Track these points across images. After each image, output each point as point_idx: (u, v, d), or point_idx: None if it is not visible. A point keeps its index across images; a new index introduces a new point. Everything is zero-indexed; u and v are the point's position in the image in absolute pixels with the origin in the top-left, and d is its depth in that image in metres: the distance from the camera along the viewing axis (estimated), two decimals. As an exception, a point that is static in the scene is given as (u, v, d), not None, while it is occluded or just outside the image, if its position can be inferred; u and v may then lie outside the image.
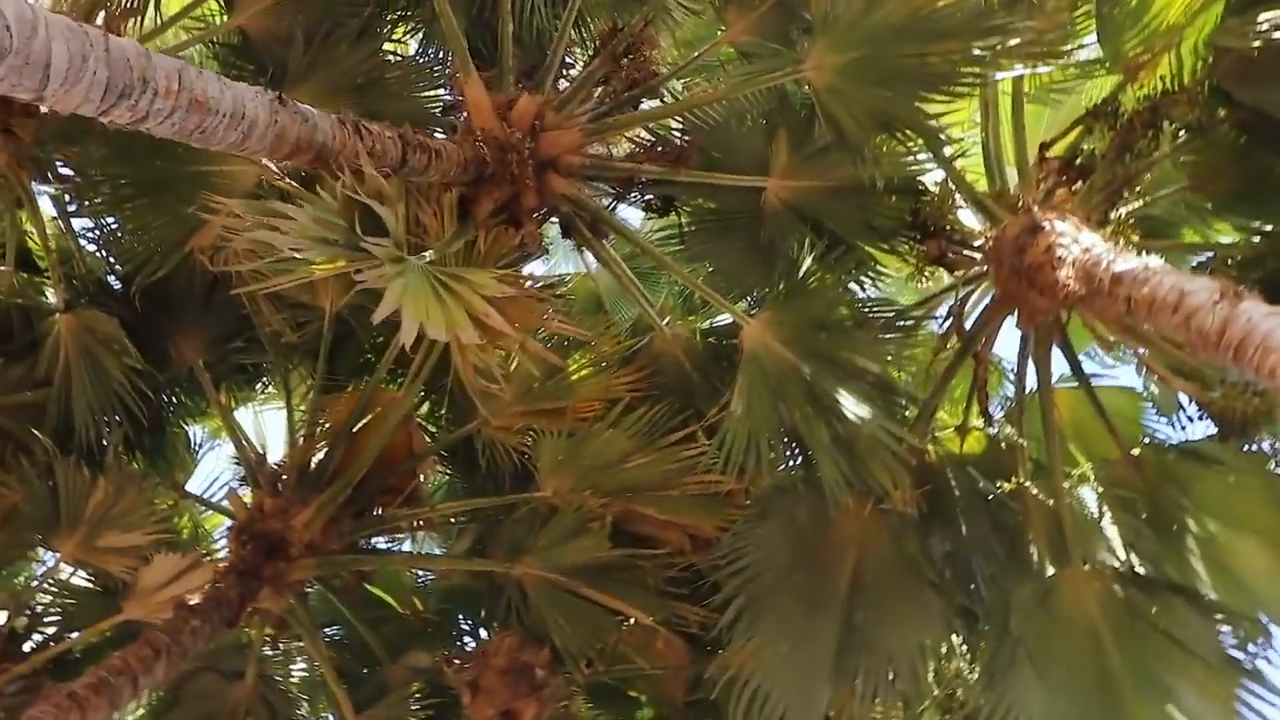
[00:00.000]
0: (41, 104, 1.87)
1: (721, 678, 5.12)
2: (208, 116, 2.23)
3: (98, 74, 1.90)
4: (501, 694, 4.65)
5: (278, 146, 2.60)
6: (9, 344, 5.27)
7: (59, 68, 1.81)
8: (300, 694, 5.55)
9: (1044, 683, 3.74)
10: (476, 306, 3.00)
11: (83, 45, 1.87)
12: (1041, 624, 3.84)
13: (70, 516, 5.03)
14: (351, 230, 2.84)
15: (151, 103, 2.06)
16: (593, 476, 4.79)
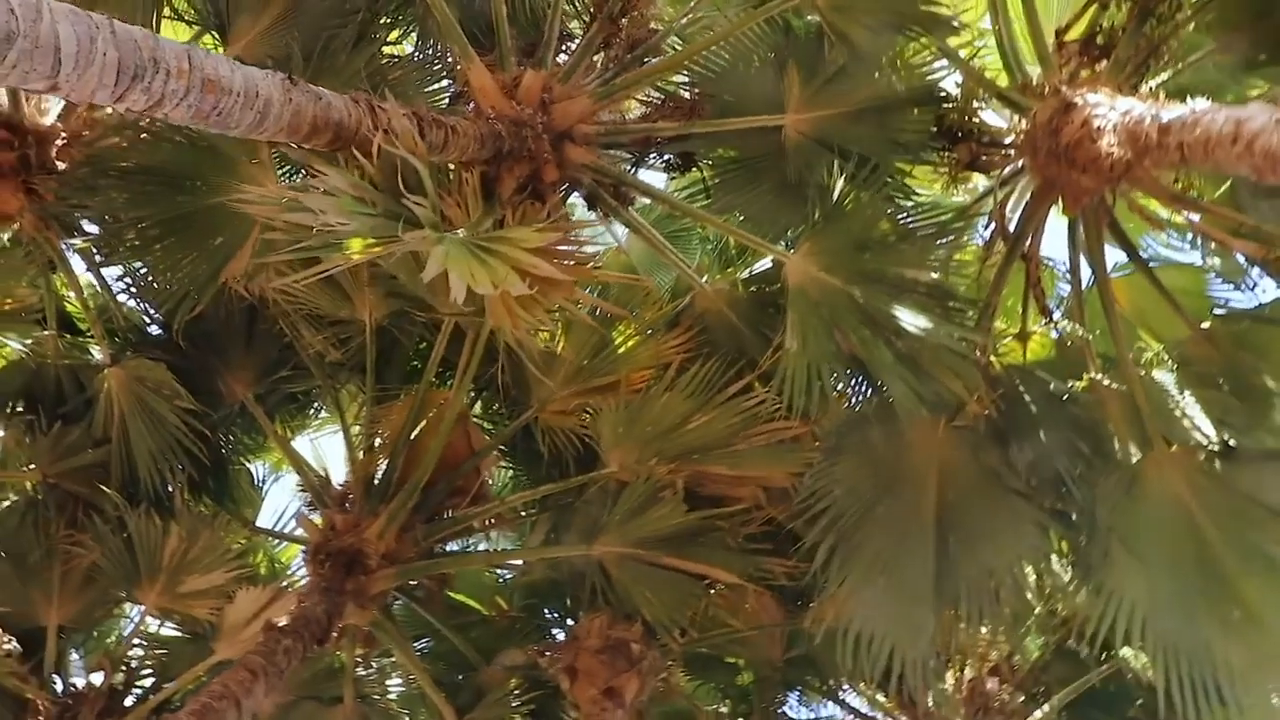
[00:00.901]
0: (56, 92, 1.85)
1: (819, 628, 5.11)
2: (222, 96, 2.20)
3: (108, 55, 1.88)
4: (600, 673, 4.61)
5: (296, 126, 2.57)
6: (63, 407, 5.32)
7: (69, 50, 1.79)
8: (400, 709, 5.54)
9: (1144, 570, 3.62)
10: (521, 259, 2.95)
11: (89, 27, 1.85)
12: (1131, 512, 3.73)
13: (149, 567, 5.06)
14: (389, 194, 2.80)
15: (165, 84, 2.03)
16: (656, 444, 4.75)
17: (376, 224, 2.79)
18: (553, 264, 3.03)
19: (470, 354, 4.80)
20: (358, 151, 2.82)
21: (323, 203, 2.68)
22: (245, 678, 3.74)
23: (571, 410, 5.08)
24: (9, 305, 5.10)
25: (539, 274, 3.00)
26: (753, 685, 5.65)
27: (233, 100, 2.24)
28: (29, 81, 1.77)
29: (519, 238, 3.05)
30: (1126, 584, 3.71)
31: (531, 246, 2.99)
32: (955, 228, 3.87)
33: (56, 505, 5.38)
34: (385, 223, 2.82)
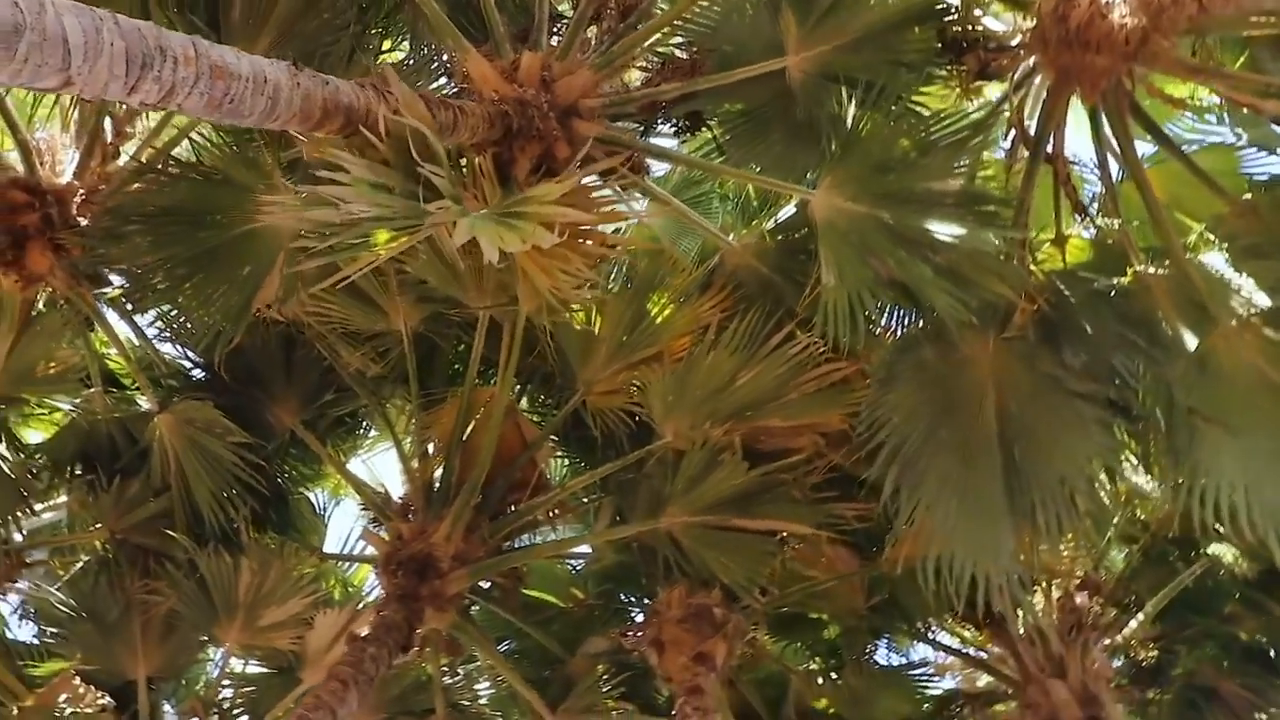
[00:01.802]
0: (70, 87, 1.86)
1: (898, 568, 5.05)
2: (232, 82, 2.21)
3: (115, 45, 1.89)
4: (687, 641, 4.58)
5: (307, 111, 2.57)
6: (119, 462, 5.38)
7: (76, 41, 1.80)
8: (492, 712, 5.53)
9: (1236, 442, 3.55)
10: (546, 212, 2.94)
11: (93, 19, 1.86)
12: (1211, 389, 3.66)
13: (225, 605, 5.11)
14: (405, 174, 2.80)
15: (175, 72, 2.04)
16: (708, 407, 4.71)
17: (397, 206, 2.78)
18: (579, 209, 3.01)
19: (509, 347, 4.79)
20: (369, 132, 2.82)
21: (342, 191, 2.67)
22: (337, 688, 3.75)
23: (618, 388, 5.05)
24: (53, 368, 5.17)
25: (567, 222, 2.98)
26: (840, 638, 5.59)
27: (242, 86, 2.25)
28: (42, 77, 1.78)
29: (541, 194, 3.04)
30: (1221, 461, 3.66)
31: (555, 198, 2.97)
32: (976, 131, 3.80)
33: (128, 559, 5.45)
34: (406, 204, 2.82)
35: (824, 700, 5.54)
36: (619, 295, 4.90)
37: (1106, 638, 5.19)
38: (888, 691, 5.46)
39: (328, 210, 2.76)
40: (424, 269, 4.73)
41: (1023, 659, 5.12)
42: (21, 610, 5.66)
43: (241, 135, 4.95)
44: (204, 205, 4.56)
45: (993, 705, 5.47)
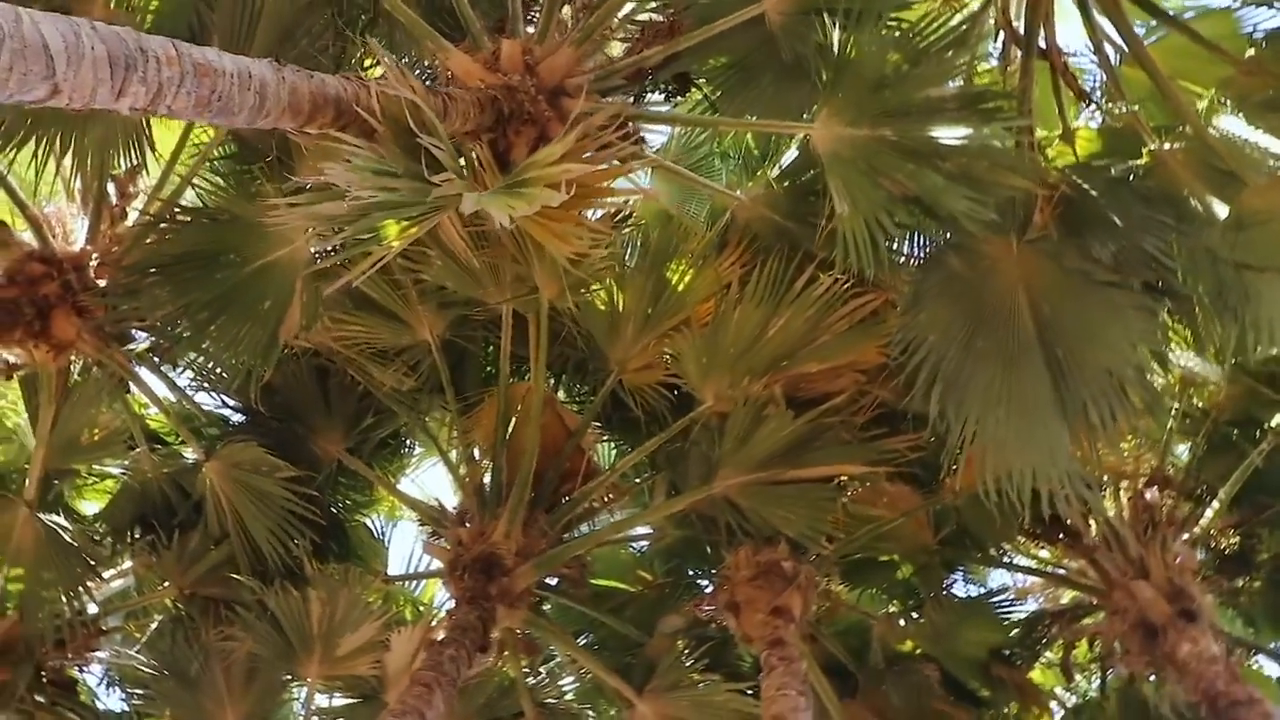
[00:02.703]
0: (57, 95, 1.87)
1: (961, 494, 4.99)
2: (217, 79, 2.22)
3: (96, 49, 1.90)
4: (761, 598, 4.54)
5: (296, 106, 2.58)
6: (176, 517, 5.43)
7: (57, 47, 1.81)
8: (580, 706, 5.51)
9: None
10: (550, 173, 2.93)
11: (71, 25, 1.87)
12: (1253, 243, 3.60)
13: (301, 640, 5.12)
14: (404, 153, 2.80)
15: (159, 72, 2.05)
16: (744, 364, 4.68)
17: (402, 187, 2.78)
18: (582, 164, 3.00)
19: (537, 338, 4.78)
20: (363, 112, 2.81)
21: (347, 179, 2.67)
22: (421, 691, 3.75)
23: (651, 363, 5.02)
24: (97, 435, 5.22)
25: (572, 179, 2.96)
26: (914, 577, 5.52)
27: (228, 83, 2.26)
28: (29, 86, 1.79)
29: (542, 158, 3.03)
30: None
31: (557, 159, 2.96)
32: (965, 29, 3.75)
33: (200, 612, 5.49)
34: (411, 184, 2.82)
35: (908, 642, 5.47)
36: (637, 269, 4.87)
37: (1184, 532, 5.09)
38: (971, 623, 5.38)
39: (334, 204, 2.76)
40: (441, 274, 4.75)
41: (1102, 566, 5.04)
42: (107, 678, 5.71)
43: (242, 173, 5.03)
44: (216, 247, 4.60)
45: (1081, 619, 5.37)
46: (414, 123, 2.80)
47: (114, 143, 4.69)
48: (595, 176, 3.17)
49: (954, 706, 5.30)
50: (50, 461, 5.06)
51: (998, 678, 5.36)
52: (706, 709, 4.80)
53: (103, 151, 4.74)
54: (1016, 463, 4.07)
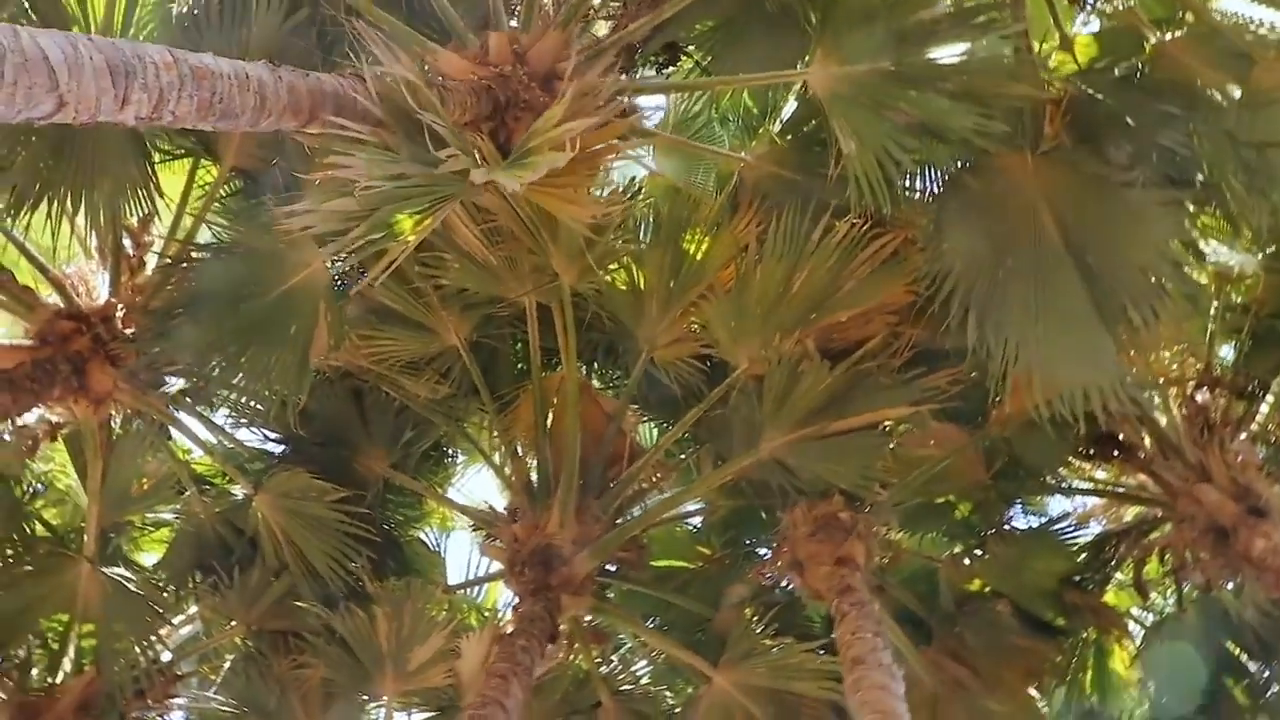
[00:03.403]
0: (64, 109, 1.88)
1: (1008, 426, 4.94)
2: (216, 81, 2.23)
3: (95, 59, 1.92)
4: (823, 552, 4.51)
5: (296, 105, 2.59)
6: (234, 555, 5.46)
7: (57, 59, 1.83)
8: (656, 688, 5.49)
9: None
10: (553, 136, 2.93)
11: (68, 38, 1.89)
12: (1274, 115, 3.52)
13: (373, 660, 5.14)
14: (407, 136, 2.81)
15: (159, 77, 2.06)
16: (772, 322, 4.64)
17: (411, 171, 2.79)
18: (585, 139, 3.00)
19: (564, 326, 4.78)
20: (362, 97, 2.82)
21: (354, 169, 2.68)
22: (498, 683, 3.76)
23: (680, 336, 5.00)
24: (146, 484, 5.28)
25: (575, 134, 2.96)
26: (973, 515, 5.46)
27: (228, 85, 2.27)
28: (36, 100, 1.81)
29: (542, 125, 3.03)
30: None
31: (557, 121, 2.96)
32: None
33: (270, 646, 5.53)
34: (420, 168, 2.82)
35: (976, 581, 5.41)
36: (653, 245, 4.85)
37: (1241, 431, 5.01)
38: (1037, 554, 5.31)
39: (345, 200, 2.77)
40: (459, 276, 4.76)
41: (1162, 477, 4.96)
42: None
43: (251, 206, 5.06)
44: (236, 281, 4.63)
45: (1148, 534, 5.30)
46: (415, 101, 2.80)
47: (123, 193, 4.74)
48: (596, 136, 3.16)
49: (1031, 640, 5.24)
50: (105, 516, 5.12)
51: (1071, 605, 5.29)
52: (783, 672, 4.76)
53: (113, 204, 4.79)
54: (1064, 378, 4.03)
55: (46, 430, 4.99)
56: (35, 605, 5.11)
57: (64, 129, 4.51)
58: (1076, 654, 5.45)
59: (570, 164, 3.03)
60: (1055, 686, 5.39)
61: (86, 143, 4.57)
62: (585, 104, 3.23)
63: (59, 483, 5.71)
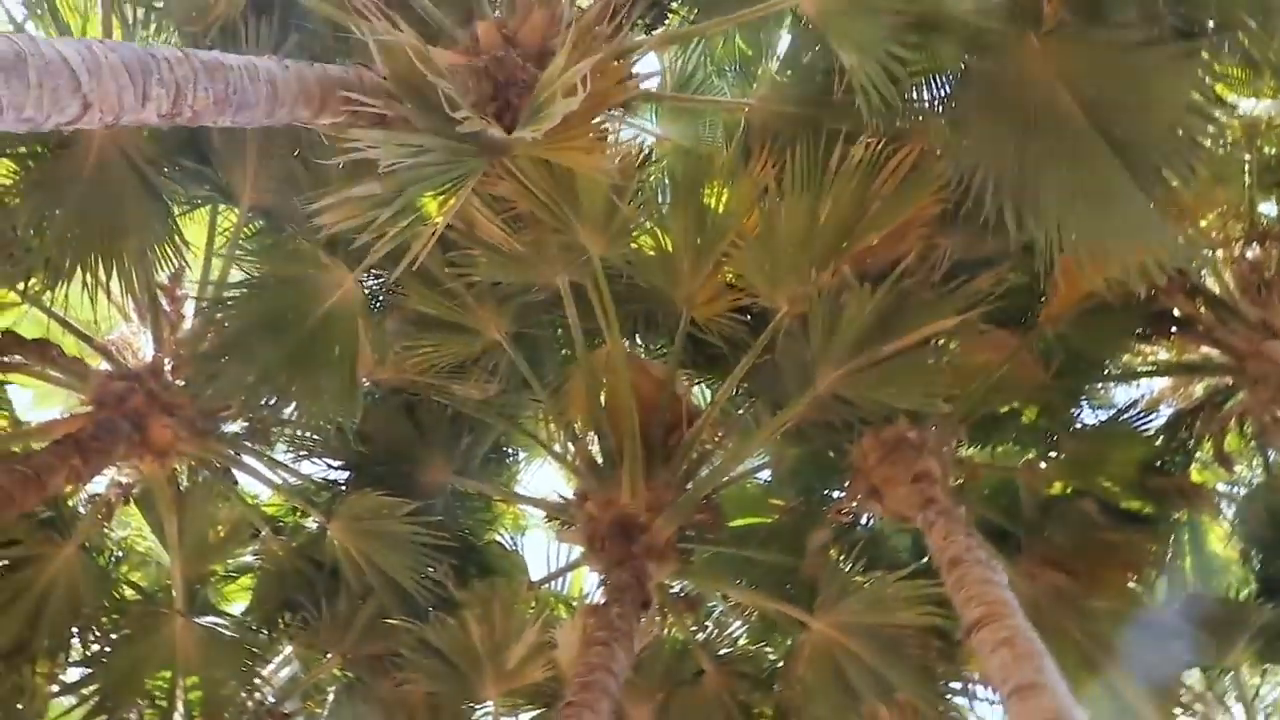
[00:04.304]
0: (89, 111, 1.91)
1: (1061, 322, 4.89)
2: (229, 74, 2.26)
3: (110, 59, 1.95)
4: (898, 474, 4.46)
5: (308, 93, 2.62)
6: (318, 587, 5.51)
7: (76, 61, 1.87)
8: (755, 646, 5.46)
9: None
10: (567, 81, 2.95)
11: (82, 43, 1.93)
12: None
13: (471, 665, 5.16)
14: (419, 108, 2.83)
15: (174, 71, 2.09)
16: (805, 258, 4.60)
17: (430, 144, 2.81)
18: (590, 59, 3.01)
19: (601, 300, 4.78)
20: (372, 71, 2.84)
21: (372, 138, 2.71)
22: (600, 649, 3.76)
23: (716, 292, 4.99)
24: (221, 532, 5.35)
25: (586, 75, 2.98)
26: (1041, 418, 5.39)
27: (240, 76, 2.30)
28: (62, 102, 1.84)
29: (549, 77, 3.04)
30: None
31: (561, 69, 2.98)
32: None
33: (369, 671, 5.57)
34: (438, 140, 2.84)
35: (1055, 484, 5.33)
36: (674, 205, 4.84)
37: (1296, 282, 4.91)
38: (1112, 446, 5.22)
39: (370, 185, 2.80)
40: (489, 270, 4.78)
41: (1226, 342, 4.88)
42: (301, 761, 5.82)
43: (277, 238, 5.12)
44: (274, 312, 4.72)
45: (1222, 405, 5.19)
46: (423, 67, 2.82)
47: (151, 250, 4.82)
48: (603, 77, 3.17)
49: (1123, 533, 5.15)
50: (188, 569, 5.20)
51: (1157, 490, 5.20)
52: (880, 605, 4.71)
53: (144, 263, 4.87)
54: (1113, 253, 3.97)
55: (118, 494, 5.07)
56: (138, 666, 5.19)
57: (84, 194, 4.61)
58: (1171, 539, 5.35)
59: (582, 111, 3.03)
60: (1155, 576, 5.29)
61: (108, 206, 4.66)
62: (586, 47, 3.23)
63: (139, 545, 5.81)
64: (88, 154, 4.60)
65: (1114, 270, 4.08)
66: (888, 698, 4.68)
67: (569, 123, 3.13)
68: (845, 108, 4.37)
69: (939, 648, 4.75)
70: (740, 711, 5.22)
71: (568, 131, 3.16)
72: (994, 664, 2.85)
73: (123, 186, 4.66)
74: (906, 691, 4.63)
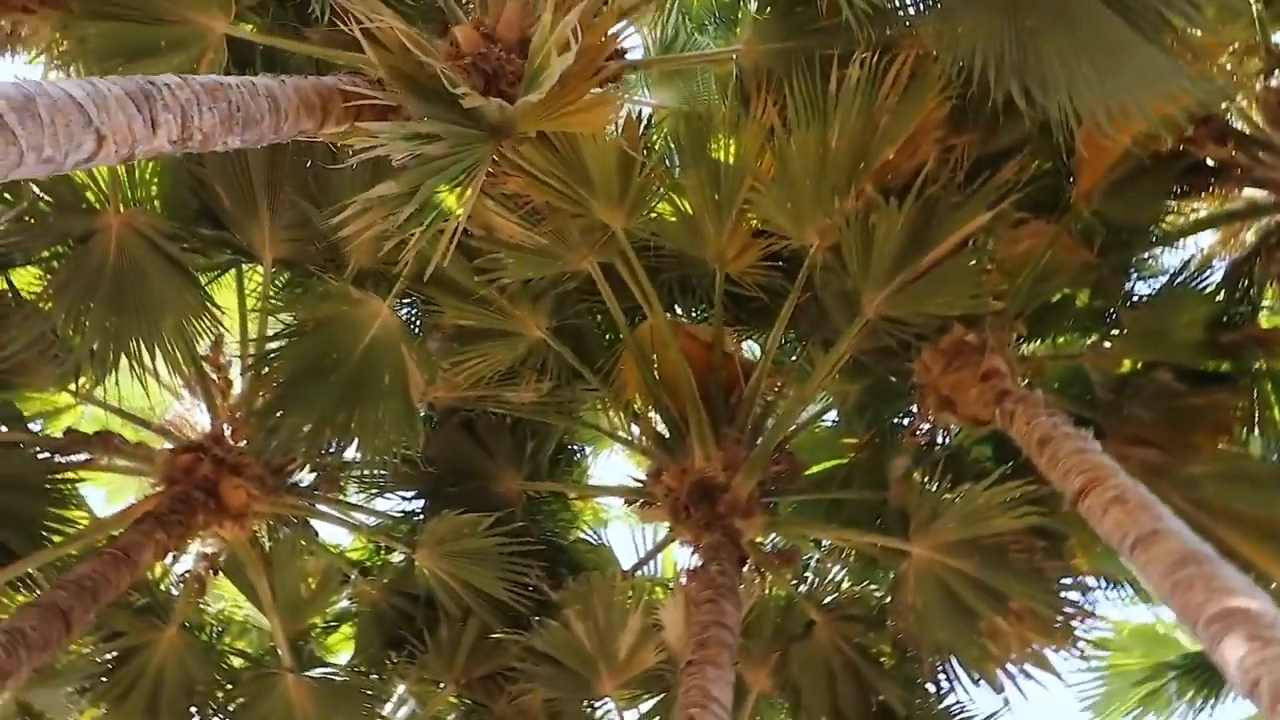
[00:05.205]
0: (104, 145, 1.93)
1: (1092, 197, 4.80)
2: (229, 92, 2.28)
3: (113, 91, 1.97)
4: (965, 377, 4.39)
5: (308, 102, 2.63)
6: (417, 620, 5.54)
7: (83, 97, 1.88)
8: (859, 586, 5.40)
9: None
10: (559, 37, 2.95)
11: (82, 82, 1.95)
12: None
13: (583, 664, 5.14)
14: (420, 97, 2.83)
15: (177, 95, 2.11)
16: (825, 189, 4.54)
17: (440, 131, 2.82)
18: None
19: (633, 276, 4.77)
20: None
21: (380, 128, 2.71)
22: (710, 606, 3.74)
23: (744, 245, 4.95)
24: (312, 584, 5.38)
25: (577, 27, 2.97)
26: (1094, 298, 5.28)
27: (240, 94, 2.32)
28: (77, 139, 1.86)
29: (541, 35, 3.04)
30: None
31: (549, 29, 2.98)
32: None
33: (484, 694, 5.58)
34: (447, 127, 2.85)
35: (1124, 362, 5.22)
36: (685, 168, 4.82)
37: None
38: (1174, 311, 5.06)
39: (386, 184, 2.80)
40: (516, 269, 4.78)
41: (1267, 180, 4.75)
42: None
43: (309, 283, 5.16)
44: (318, 356, 4.76)
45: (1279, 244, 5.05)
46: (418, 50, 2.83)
47: (185, 318, 4.87)
48: (592, 35, 3.16)
49: (1205, 395, 5.03)
50: (287, 626, 5.24)
51: (1231, 345, 5.06)
52: (975, 517, 4.61)
53: (181, 335, 4.93)
54: (1133, 106, 3.87)
55: (207, 566, 5.13)
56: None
57: (113, 283, 4.67)
58: (1255, 392, 5.21)
59: (578, 71, 3.02)
60: (1247, 432, 5.16)
61: (137, 289, 4.72)
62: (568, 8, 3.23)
63: (237, 615, 5.87)
64: (107, 244, 4.66)
65: (1138, 126, 3.98)
66: (1002, 608, 4.60)
67: (567, 85, 3.12)
68: (832, 31, 4.34)
69: (1044, 547, 4.65)
70: (858, 654, 5.15)
71: (567, 95, 3.15)
72: (1109, 524, 2.78)
73: (148, 267, 4.71)
74: (1019, 598, 4.54)
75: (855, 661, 5.17)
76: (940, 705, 5.24)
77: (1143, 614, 5.98)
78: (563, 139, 4.17)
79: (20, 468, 4.90)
